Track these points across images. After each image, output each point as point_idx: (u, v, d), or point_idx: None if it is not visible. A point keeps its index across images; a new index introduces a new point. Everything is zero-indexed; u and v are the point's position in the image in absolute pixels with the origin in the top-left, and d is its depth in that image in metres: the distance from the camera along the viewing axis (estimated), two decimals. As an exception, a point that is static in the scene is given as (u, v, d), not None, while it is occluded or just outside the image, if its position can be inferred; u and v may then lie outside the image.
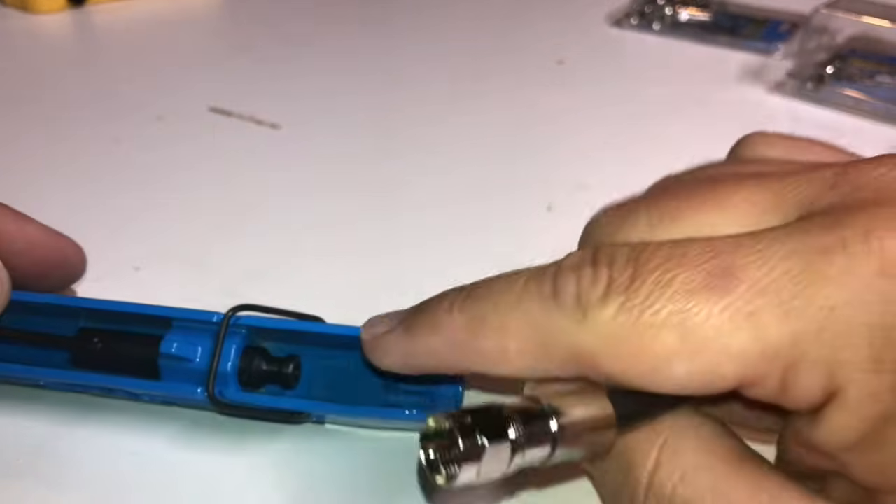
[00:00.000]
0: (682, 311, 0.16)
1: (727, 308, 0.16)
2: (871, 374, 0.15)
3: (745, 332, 0.16)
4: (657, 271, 0.16)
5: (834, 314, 0.15)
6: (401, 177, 0.40)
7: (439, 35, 0.56)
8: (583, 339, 0.17)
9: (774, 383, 0.16)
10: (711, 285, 0.16)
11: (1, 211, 0.25)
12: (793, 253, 0.16)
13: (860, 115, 0.45)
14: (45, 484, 0.23)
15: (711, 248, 0.16)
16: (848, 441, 0.16)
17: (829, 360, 0.15)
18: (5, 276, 0.23)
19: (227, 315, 0.23)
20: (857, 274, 0.15)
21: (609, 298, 0.17)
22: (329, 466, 0.24)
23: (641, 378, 0.17)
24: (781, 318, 0.15)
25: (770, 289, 0.16)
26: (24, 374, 0.24)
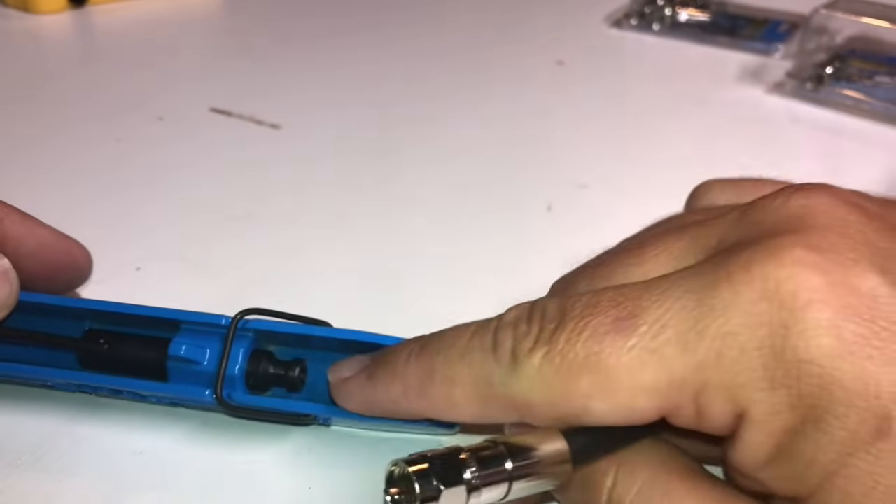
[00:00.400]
0: (596, 353, 0.18)
1: (633, 347, 0.17)
2: (767, 392, 0.16)
3: (652, 367, 0.17)
4: (574, 320, 0.18)
5: (727, 342, 0.17)
6: (401, 177, 0.40)
7: (439, 36, 0.57)
8: (517, 389, 0.19)
9: (690, 412, 0.17)
10: (618, 328, 0.18)
11: (11, 213, 0.25)
12: (687, 291, 0.17)
13: (859, 116, 0.46)
14: (49, 482, 0.23)
15: (620, 295, 0.18)
16: (760, 458, 0.17)
17: (729, 384, 0.17)
18: (14, 277, 0.23)
19: (235, 318, 0.23)
20: (742, 302, 0.17)
21: (536, 349, 0.18)
22: (334, 468, 0.24)
23: (569, 419, 0.18)
24: (681, 351, 0.17)
25: (669, 325, 0.17)
26: (35, 374, 0.24)
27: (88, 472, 0.24)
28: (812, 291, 0.16)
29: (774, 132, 0.45)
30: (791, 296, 0.16)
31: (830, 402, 0.16)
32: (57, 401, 0.26)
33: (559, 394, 0.18)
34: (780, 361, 0.16)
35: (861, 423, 0.16)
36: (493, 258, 0.34)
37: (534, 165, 0.41)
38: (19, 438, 0.25)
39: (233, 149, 0.42)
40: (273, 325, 0.24)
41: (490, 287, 0.31)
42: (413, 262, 0.33)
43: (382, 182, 0.39)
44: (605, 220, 0.36)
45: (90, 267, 0.28)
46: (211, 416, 0.25)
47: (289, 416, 0.24)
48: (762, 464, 0.17)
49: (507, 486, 0.18)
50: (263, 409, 0.24)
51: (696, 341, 0.17)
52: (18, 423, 0.25)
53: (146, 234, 0.34)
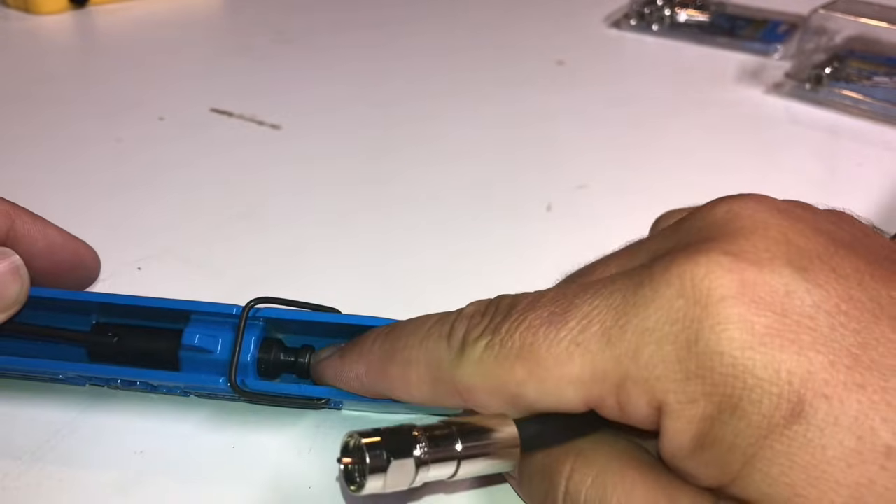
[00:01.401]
0: (530, 344, 0.19)
1: (563, 340, 0.19)
2: (682, 382, 0.17)
3: (577, 359, 0.18)
4: (517, 313, 0.20)
5: (645, 336, 0.18)
6: (401, 176, 0.40)
7: (439, 36, 0.57)
8: (461, 374, 0.20)
9: (613, 403, 0.19)
10: (551, 321, 0.19)
11: (22, 213, 0.26)
12: (616, 291, 0.19)
13: (858, 116, 0.46)
14: (56, 476, 0.24)
15: (560, 294, 0.20)
16: (684, 446, 0.18)
17: (647, 377, 0.18)
18: (26, 274, 0.24)
19: (247, 307, 0.24)
20: (660, 299, 0.18)
21: (481, 338, 0.20)
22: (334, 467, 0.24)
23: (505, 405, 0.20)
24: (604, 345, 0.18)
25: (596, 320, 0.18)
26: (48, 367, 0.25)
27: (95, 466, 0.24)
28: (725, 288, 0.17)
29: (773, 132, 0.45)
30: (705, 293, 0.17)
31: (744, 389, 0.17)
32: (65, 396, 0.26)
33: (496, 380, 0.20)
34: (692, 353, 0.17)
35: (775, 407, 0.16)
36: (493, 257, 0.34)
37: (533, 165, 0.41)
38: (27, 433, 0.25)
39: (233, 149, 0.42)
40: (282, 313, 0.25)
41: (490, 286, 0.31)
42: (413, 261, 0.33)
43: (383, 181, 0.39)
44: (605, 220, 0.36)
45: (98, 268, 0.28)
46: (215, 412, 0.26)
47: (301, 400, 0.25)
48: (686, 452, 0.18)
49: (455, 464, 0.19)
50: (276, 395, 0.24)
51: (618, 336, 0.18)
52: (27, 417, 0.25)
53: (147, 234, 0.34)
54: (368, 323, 0.24)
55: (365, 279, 0.32)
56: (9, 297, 0.23)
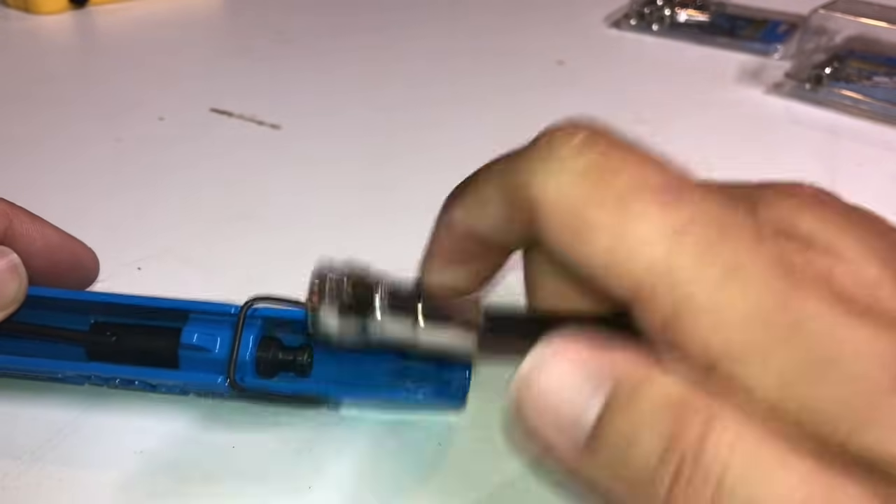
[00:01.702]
0: (627, 198, 0.17)
1: (661, 219, 0.17)
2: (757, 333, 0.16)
3: (663, 247, 0.16)
4: (630, 159, 0.18)
5: (738, 271, 0.16)
6: (401, 176, 0.40)
7: (439, 36, 0.57)
8: (541, 180, 0.18)
9: (661, 311, 0.16)
10: (662, 194, 0.17)
11: (20, 213, 0.26)
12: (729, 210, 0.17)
13: (858, 116, 0.46)
14: (56, 476, 0.24)
15: (677, 172, 0.18)
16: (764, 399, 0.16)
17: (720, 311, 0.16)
18: (24, 272, 0.24)
19: (245, 306, 0.24)
20: (765, 249, 0.16)
21: (580, 156, 0.18)
22: (334, 466, 0.24)
23: (564, 230, 0.17)
24: (697, 252, 0.16)
25: (700, 223, 0.17)
26: (47, 367, 0.25)
27: (95, 465, 0.24)
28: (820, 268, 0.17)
29: (773, 132, 0.45)
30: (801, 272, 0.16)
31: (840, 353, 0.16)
32: (65, 395, 0.26)
33: (575, 203, 0.17)
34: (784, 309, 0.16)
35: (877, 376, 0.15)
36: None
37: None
38: (27, 433, 0.25)
39: (233, 149, 0.42)
40: (280, 311, 0.25)
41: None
42: (413, 261, 0.33)
43: (382, 181, 0.39)
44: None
45: (97, 269, 0.28)
46: (215, 412, 0.26)
47: (300, 398, 0.25)
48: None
49: (410, 326, 0.20)
50: (275, 393, 0.24)
51: (714, 253, 0.16)
52: (27, 417, 0.25)
53: (147, 234, 0.34)
54: None
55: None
56: (7, 296, 0.23)
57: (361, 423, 0.26)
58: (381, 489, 0.24)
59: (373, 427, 0.25)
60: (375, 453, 0.25)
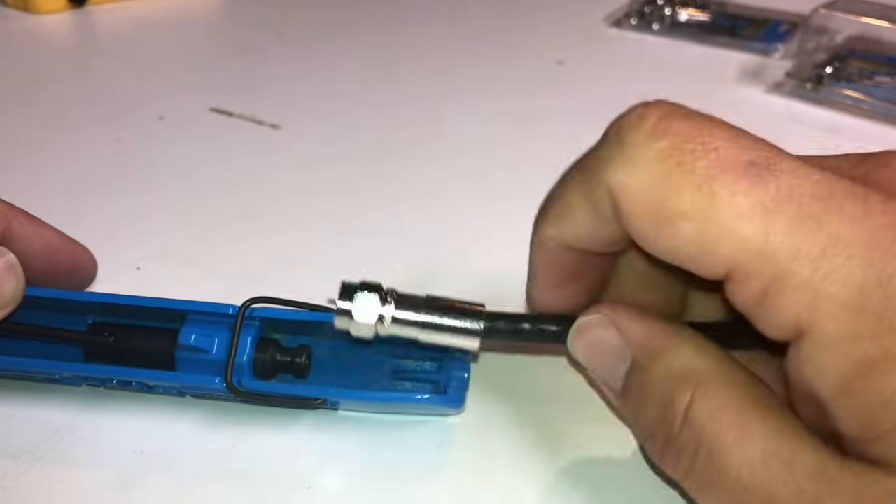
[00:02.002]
0: (713, 180, 0.17)
1: (751, 196, 0.16)
2: (855, 312, 0.16)
3: (756, 224, 0.16)
4: (708, 137, 0.17)
5: (839, 245, 0.16)
6: (401, 176, 0.40)
7: (439, 36, 0.57)
8: (619, 171, 0.18)
9: (756, 290, 0.16)
10: (749, 171, 0.17)
11: (19, 214, 0.26)
12: (825, 180, 0.17)
13: (859, 115, 0.46)
14: (54, 476, 0.24)
15: (764, 145, 0.17)
16: (827, 384, 0.16)
17: (818, 288, 0.16)
18: (21, 272, 0.23)
19: (243, 307, 0.24)
20: (876, 218, 0.16)
21: (657, 141, 0.18)
22: (334, 466, 0.24)
23: (650, 224, 0.18)
24: (793, 228, 0.16)
25: (795, 197, 0.16)
26: (44, 367, 0.25)
27: (93, 466, 0.24)
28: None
29: (774, 132, 0.44)
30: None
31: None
32: (63, 396, 0.26)
33: (657, 192, 0.17)
34: (882, 287, 0.15)
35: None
36: (494, 258, 0.34)
37: (533, 166, 0.41)
38: (26, 433, 0.25)
39: (233, 149, 0.42)
40: (278, 312, 0.25)
41: (490, 283, 0.31)
42: (414, 261, 0.33)
43: (382, 181, 0.39)
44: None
45: (95, 271, 0.28)
46: (215, 412, 0.26)
47: (297, 400, 0.25)
48: (829, 392, 0.16)
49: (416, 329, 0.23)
50: (272, 395, 0.24)
51: (813, 229, 0.16)
52: (26, 417, 0.25)
53: (146, 234, 0.34)
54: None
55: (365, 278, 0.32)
56: (4, 296, 0.23)
57: (361, 424, 0.26)
58: (381, 489, 0.24)
59: (372, 427, 0.25)
60: (375, 454, 0.25)
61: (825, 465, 0.17)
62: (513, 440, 0.25)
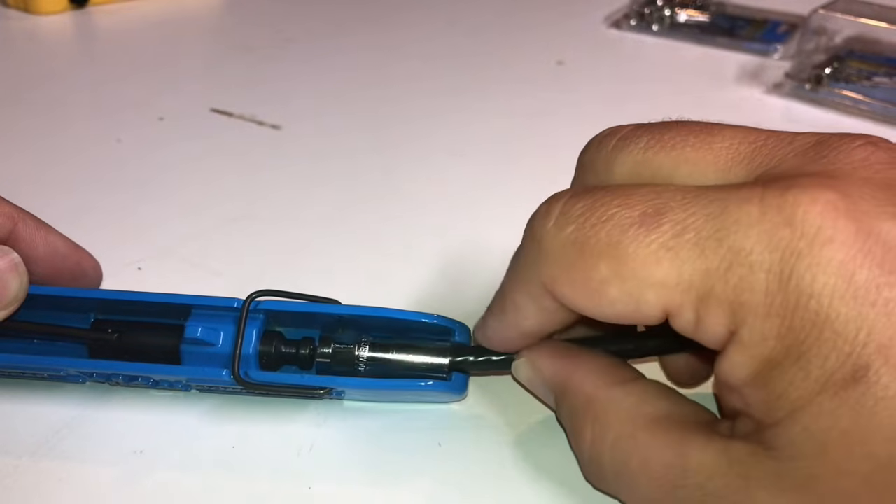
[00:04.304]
0: (617, 243, 0.18)
1: (652, 243, 0.18)
2: (763, 317, 0.17)
3: (665, 264, 0.18)
4: (605, 206, 0.19)
5: (740, 256, 0.17)
6: (401, 177, 0.40)
7: (440, 36, 0.57)
8: (545, 267, 0.20)
9: (690, 315, 0.18)
10: (643, 222, 0.18)
11: (26, 217, 0.26)
12: (716, 200, 0.18)
13: (858, 116, 0.46)
14: (57, 472, 0.24)
15: (654, 193, 0.19)
16: (738, 378, 0.18)
17: (732, 299, 0.17)
18: (25, 271, 0.24)
19: (248, 300, 0.24)
20: (766, 223, 0.17)
21: (565, 229, 0.19)
22: (334, 466, 0.24)
23: (585, 300, 0.19)
24: (696, 254, 0.17)
25: (691, 227, 0.18)
26: (50, 364, 0.25)
27: (95, 465, 0.24)
28: (836, 231, 0.16)
29: (773, 132, 0.45)
30: (815, 230, 0.16)
31: (818, 340, 0.16)
32: (65, 395, 0.26)
33: (579, 273, 0.19)
34: (781, 289, 0.16)
35: (840, 366, 0.16)
36: (494, 259, 0.34)
37: (533, 166, 0.41)
38: (28, 432, 0.25)
39: (233, 149, 0.42)
40: (283, 305, 0.25)
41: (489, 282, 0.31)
42: (414, 262, 0.33)
43: (383, 183, 0.39)
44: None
45: (99, 278, 0.28)
46: (215, 412, 0.26)
47: (303, 390, 0.25)
48: (739, 384, 0.18)
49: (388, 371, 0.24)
50: (279, 385, 0.24)
51: (713, 249, 0.17)
52: (27, 416, 0.25)
53: (147, 234, 0.34)
54: (369, 313, 0.25)
55: (365, 280, 0.32)
56: (8, 294, 0.23)
57: (361, 423, 0.26)
58: (381, 489, 0.24)
59: (372, 427, 0.26)
60: (375, 453, 0.25)
61: (714, 462, 0.18)
62: (514, 425, 0.25)
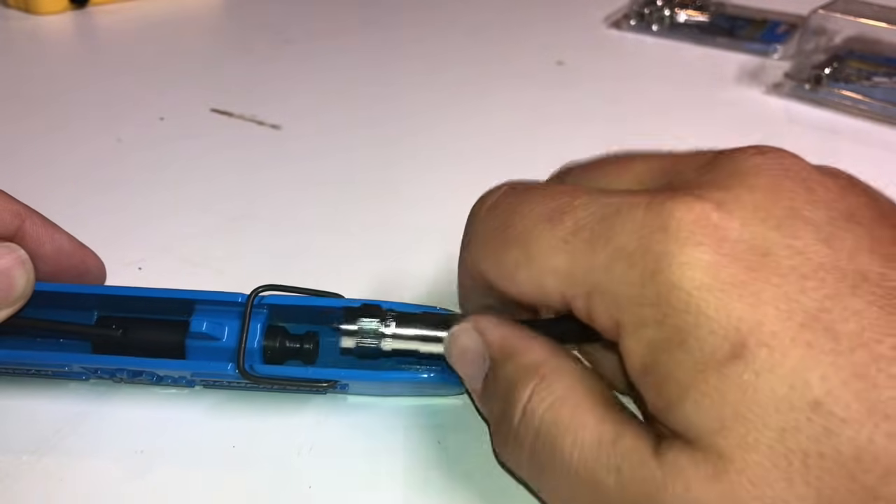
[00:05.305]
0: (528, 232, 0.21)
1: (554, 237, 0.20)
2: (638, 306, 0.19)
3: (562, 255, 0.20)
4: (528, 203, 0.21)
5: (620, 254, 0.19)
6: (401, 177, 0.40)
7: (439, 36, 0.57)
8: (473, 255, 0.23)
9: (582, 306, 0.20)
10: (550, 218, 0.21)
11: (33, 215, 0.26)
12: (613, 204, 0.20)
13: (857, 116, 0.46)
14: (59, 470, 0.24)
15: (568, 195, 0.21)
16: (633, 365, 0.19)
17: (613, 291, 0.19)
18: (31, 268, 0.24)
19: (252, 294, 0.24)
20: (645, 228, 0.19)
21: (490, 222, 0.22)
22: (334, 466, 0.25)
23: (501, 280, 0.22)
24: (587, 251, 0.20)
25: (587, 226, 0.20)
26: (56, 360, 0.25)
27: (95, 464, 0.24)
28: (705, 237, 0.18)
29: (772, 132, 0.45)
30: (686, 234, 0.18)
31: (693, 326, 0.18)
32: (67, 394, 0.26)
33: (498, 258, 0.22)
34: (653, 282, 0.18)
35: (717, 347, 0.17)
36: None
37: (533, 165, 0.41)
38: (29, 431, 0.25)
39: (234, 149, 0.42)
40: (286, 299, 0.25)
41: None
42: (414, 263, 0.33)
43: (383, 182, 0.39)
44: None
45: (103, 276, 0.28)
46: (216, 412, 0.26)
47: (308, 383, 0.25)
48: (636, 372, 0.19)
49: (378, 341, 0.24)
50: (284, 378, 0.24)
51: (601, 247, 0.19)
52: (29, 415, 0.26)
53: (147, 234, 0.34)
54: (375, 304, 0.25)
55: (365, 279, 0.32)
56: (16, 290, 0.23)
57: (361, 423, 0.26)
58: (381, 488, 0.24)
59: (372, 426, 0.26)
60: (375, 452, 0.25)
61: (641, 446, 0.19)
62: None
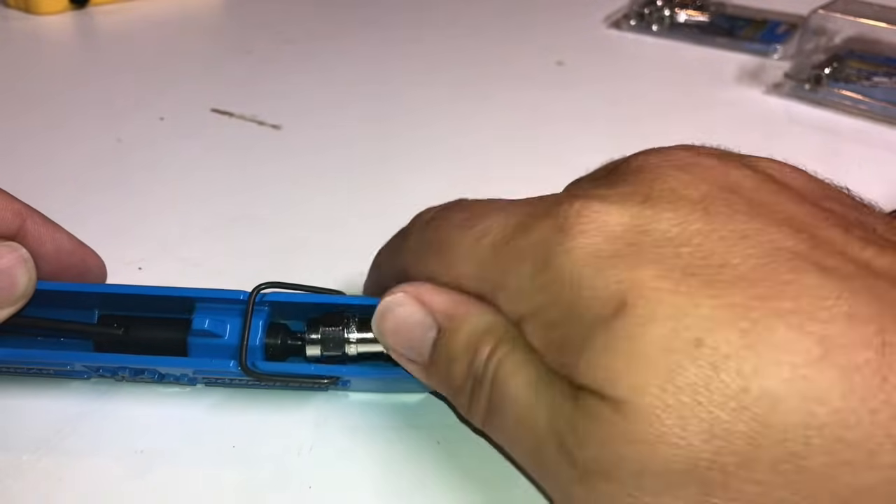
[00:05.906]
0: (443, 241, 0.23)
1: (469, 236, 0.22)
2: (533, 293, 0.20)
3: (471, 260, 0.22)
4: (447, 212, 0.24)
5: (518, 255, 0.21)
6: (401, 177, 0.40)
7: (440, 36, 0.57)
8: (402, 259, 0.25)
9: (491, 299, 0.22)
10: (461, 225, 0.23)
11: (34, 214, 0.26)
12: (518, 213, 0.21)
13: (857, 116, 0.46)
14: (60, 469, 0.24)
15: (485, 206, 0.23)
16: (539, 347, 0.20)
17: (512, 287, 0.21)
18: (33, 267, 0.24)
19: (254, 291, 0.25)
20: (539, 229, 0.20)
21: (415, 233, 0.24)
22: (335, 465, 0.25)
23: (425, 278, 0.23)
24: (491, 255, 0.21)
25: (492, 232, 0.22)
26: (58, 358, 0.25)
27: (96, 464, 0.24)
28: (588, 224, 0.20)
29: (773, 132, 0.45)
30: (571, 224, 0.20)
31: (580, 297, 0.19)
32: (67, 393, 0.26)
33: (421, 265, 0.23)
34: (544, 271, 0.20)
35: (602, 307, 0.19)
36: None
37: (532, 165, 0.41)
38: (29, 430, 0.25)
39: (234, 149, 0.42)
40: (288, 296, 0.25)
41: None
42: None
43: (383, 182, 0.39)
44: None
45: (104, 275, 0.29)
46: (216, 411, 0.26)
47: (310, 379, 0.25)
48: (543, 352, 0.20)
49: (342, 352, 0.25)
50: (286, 374, 0.25)
51: (502, 251, 0.21)
52: (29, 415, 0.26)
53: (147, 234, 0.34)
54: (374, 303, 0.24)
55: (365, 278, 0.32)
56: (17, 289, 0.23)
57: (361, 423, 0.26)
58: (381, 489, 0.24)
59: (372, 426, 0.26)
60: (375, 453, 0.25)
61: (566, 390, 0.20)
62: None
